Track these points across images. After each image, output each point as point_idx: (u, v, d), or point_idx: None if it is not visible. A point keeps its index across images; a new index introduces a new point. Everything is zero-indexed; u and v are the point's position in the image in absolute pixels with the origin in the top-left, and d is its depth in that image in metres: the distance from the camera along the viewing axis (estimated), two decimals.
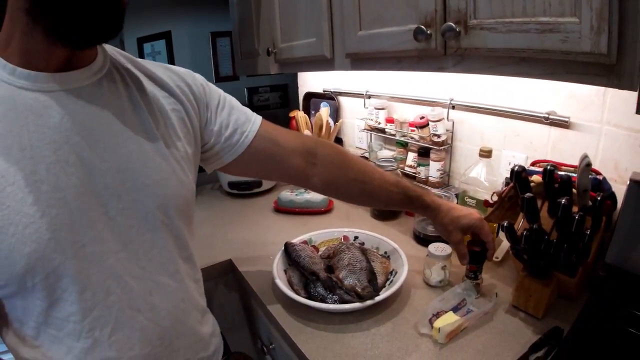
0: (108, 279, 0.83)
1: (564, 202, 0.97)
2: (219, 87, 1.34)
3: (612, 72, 0.83)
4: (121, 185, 0.83)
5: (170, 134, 0.95)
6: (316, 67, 1.75)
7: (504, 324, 1.14)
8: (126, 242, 0.85)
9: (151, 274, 0.91)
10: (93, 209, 0.80)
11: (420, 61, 1.22)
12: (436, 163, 1.81)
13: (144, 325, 0.89)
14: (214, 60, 2.95)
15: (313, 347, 1.09)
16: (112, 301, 0.83)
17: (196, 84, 1.06)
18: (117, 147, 0.84)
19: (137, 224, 0.87)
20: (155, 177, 0.89)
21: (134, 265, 0.87)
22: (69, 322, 0.80)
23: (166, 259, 0.95)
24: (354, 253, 1.34)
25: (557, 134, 1.42)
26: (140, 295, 0.88)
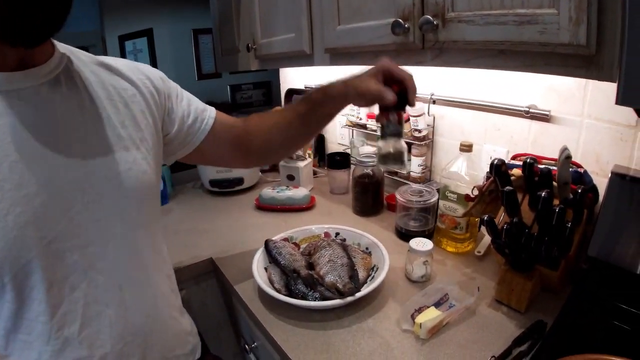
0: (73, 274, 0.82)
1: (544, 194, 0.97)
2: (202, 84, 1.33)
3: (591, 63, 0.82)
4: (84, 179, 0.83)
5: (131, 125, 0.95)
6: (296, 63, 1.74)
7: (486, 319, 1.13)
8: (93, 237, 0.85)
9: (120, 269, 0.90)
10: (57, 205, 0.79)
11: (398, 55, 1.21)
12: (417, 158, 1.80)
13: (114, 321, 0.88)
14: (196, 58, 2.95)
15: (294, 345, 1.08)
16: (77, 297, 0.83)
17: (155, 77, 1.07)
18: (78, 142, 0.83)
19: (103, 217, 0.86)
20: (118, 169, 0.88)
21: (101, 260, 0.86)
22: (38, 323, 0.79)
23: (135, 252, 0.94)
24: (334, 249, 1.33)
25: (538, 128, 1.42)
26: (108, 290, 0.87)
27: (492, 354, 0.98)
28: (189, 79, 2.94)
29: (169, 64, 2.84)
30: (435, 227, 1.53)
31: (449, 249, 1.49)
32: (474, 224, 1.46)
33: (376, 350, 1.04)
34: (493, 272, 1.33)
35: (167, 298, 1.06)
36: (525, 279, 1.12)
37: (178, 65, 2.88)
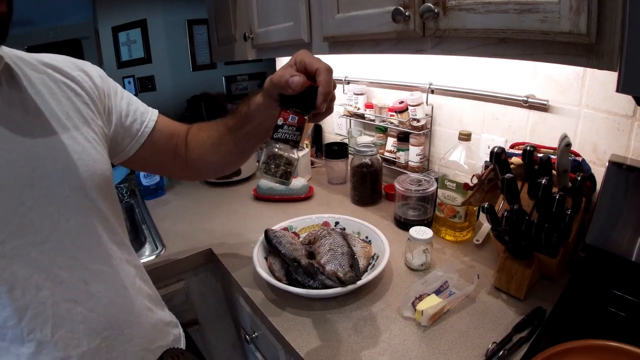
0: (35, 273, 0.78)
1: (544, 182, 0.97)
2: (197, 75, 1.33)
3: (591, 52, 0.82)
4: (32, 173, 0.80)
5: (77, 116, 0.92)
6: (294, 52, 1.67)
7: (486, 306, 1.14)
8: (49, 232, 0.81)
9: (83, 262, 0.86)
10: (6, 203, 0.76)
11: (398, 43, 1.21)
12: (416, 148, 1.81)
13: (86, 317, 0.85)
14: (190, 49, 2.92)
15: (296, 334, 1.08)
16: (44, 296, 0.79)
17: (95, 74, 1.03)
18: (21, 137, 0.80)
19: (57, 211, 0.83)
20: (66, 160, 0.86)
21: (61, 255, 0.83)
22: (8, 328, 0.75)
23: (96, 244, 0.91)
24: (335, 238, 1.33)
25: (536, 117, 1.43)
26: (74, 286, 0.84)
27: (492, 340, 0.99)
28: (183, 70, 2.91)
29: (163, 55, 2.81)
30: (434, 216, 1.54)
31: (448, 237, 1.50)
32: (472, 212, 1.47)
33: (378, 337, 1.05)
34: (492, 260, 1.35)
35: (139, 289, 1.02)
36: (525, 267, 1.13)
37: (172, 56, 2.85)
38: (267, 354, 1.42)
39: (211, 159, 1.24)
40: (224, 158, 1.23)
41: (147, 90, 2.86)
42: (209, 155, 1.23)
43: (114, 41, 2.76)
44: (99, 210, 0.92)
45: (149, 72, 2.77)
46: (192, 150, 1.24)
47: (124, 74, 2.72)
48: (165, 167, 1.28)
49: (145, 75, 2.86)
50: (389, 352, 1.01)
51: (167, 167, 1.27)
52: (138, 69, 2.79)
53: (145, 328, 0.99)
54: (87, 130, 0.93)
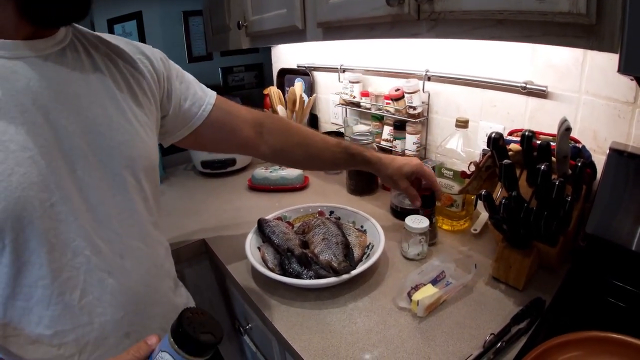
0: (76, 239, 0.82)
1: (543, 167, 0.94)
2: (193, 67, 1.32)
3: (591, 33, 0.81)
4: (87, 146, 0.84)
5: (132, 100, 0.96)
6: (288, 39, 1.72)
7: (484, 296, 1.12)
8: (96, 204, 0.85)
9: (121, 237, 0.91)
10: (61, 169, 0.80)
11: (393, 27, 1.19)
12: (412, 136, 1.78)
13: (115, 289, 0.88)
14: (186, 40, 2.90)
15: (289, 325, 1.07)
16: (79, 262, 0.82)
17: (155, 58, 1.08)
18: (82, 110, 0.84)
19: (105, 185, 0.87)
20: (120, 139, 0.90)
21: (104, 227, 0.87)
22: (38, 288, 0.78)
23: (137, 222, 0.95)
24: (329, 227, 1.31)
25: (535, 104, 1.40)
26: (110, 258, 0.88)
27: (490, 331, 0.97)
28: (179, 62, 2.86)
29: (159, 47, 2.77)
30: None
31: (445, 227, 1.48)
32: (469, 201, 1.45)
33: (373, 328, 1.03)
34: (490, 250, 1.32)
35: (167, 270, 1.08)
36: (523, 256, 1.10)
37: (168, 48, 2.81)
38: (261, 345, 1.41)
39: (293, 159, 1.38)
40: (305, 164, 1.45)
41: None
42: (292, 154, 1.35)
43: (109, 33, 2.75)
44: (142, 191, 0.97)
45: None
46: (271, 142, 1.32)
47: None
48: (218, 144, 1.32)
49: None
50: (384, 343, 0.99)
51: (220, 144, 1.32)
52: None
53: (166, 308, 1.03)
54: (141, 114, 0.98)
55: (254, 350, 1.46)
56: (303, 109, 2.17)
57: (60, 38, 0.85)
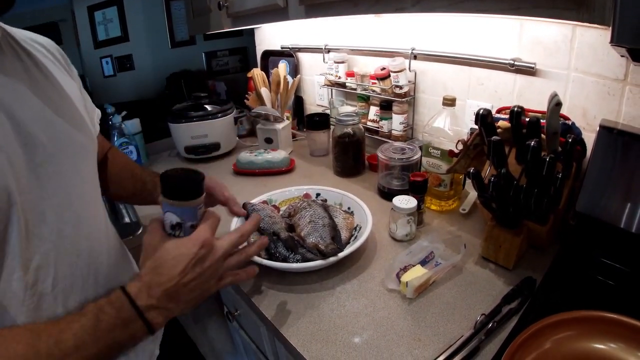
0: (42, 226, 0.81)
1: (533, 144, 0.92)
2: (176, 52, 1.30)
3: (582, 4, 0.80)
4: (42, 134, 0.83)
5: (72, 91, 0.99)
6: (270, 18, 1.68)
7: (474, 276, 1.12)
8: (56, 188, 0.84)
9: (87, 219, 0.91)
10: (22, 157, 0.79)
11: (377, 2, 1.17)
12: (399, 116, 1.76)
13: (85, 273, 0.89)
14: (168, 25, 2.89)
15: (277, 310, 1.06)
16: (47, 248, 0.81)
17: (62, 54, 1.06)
18: (30, 101, 0.84)
19: (63, 170, 0.87)
20: (70, 126, 0.91)
21: (67, 210, 0.86)
22: (12, 281, 0.76)
23: (98, 205, 0.98)
24: (315, 210, 1.29)
25: (523, 82, 1.39)
26: (77, 241, 0.87)
27: (481, 311, 0.97)
28: (162, 47, 2.88)
29: (140, 32, 2.78)
30: None
31: (433, 207, 1.47)
32: (458, 181, 1.44)
33: (362, 311, 1.02)
34: (479, 230, 1.32)
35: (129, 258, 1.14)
36: (513, 235, 1.09)
37: (150, 34, 2.82)
38: (250, 331, 1.40)
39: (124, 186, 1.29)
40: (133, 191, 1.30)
41: (126, 70, 2.83)
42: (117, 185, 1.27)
43: (90, 20, 2.72)
44: (93, 175, 0.99)
45: (127, 51, 2.75)
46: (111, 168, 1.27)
47: (101, 54, 2.67)
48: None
49: (123, 54, 2.83)
50: (373, 326, 0.98)
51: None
52: (115, 48, 2.76)
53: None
54: (78, 105, 0.98)
55: (243, 336, 1.45)
56: (287, 90, 2.14)
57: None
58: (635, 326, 0.78)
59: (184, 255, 0.81)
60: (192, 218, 0.86)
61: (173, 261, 0.81)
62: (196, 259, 0.82)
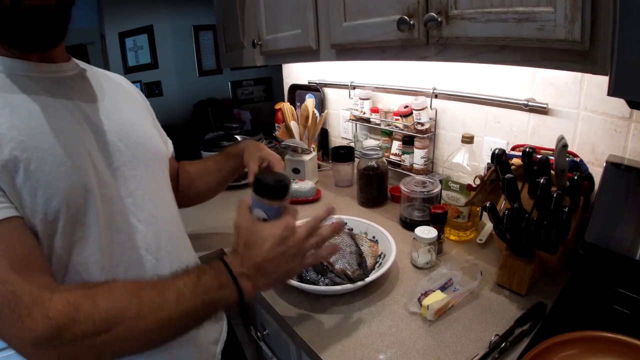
0: (119, 219, 0.95)
1: (542, 181, 1.02)
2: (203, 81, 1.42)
3: (586, 58, 0.87)
4: (120, 142, 0.99)
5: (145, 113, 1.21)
6: (302, 58, 1.78)
7: (489, 301, 1.19)
8: (132, 189, 0.99)
9: (157, 220, 1.04)
10: (103, 158, 0.95)
11: (403, 50, 1.27)
12: (420, 150, 1.86)
13: (153, 266, 1.01)
14: (197, 54, 2.95)
15: (307, 329, 1.13)
16: (122, 240, 0.95)
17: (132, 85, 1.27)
18: (111, 115, 1.01)
19: (138, 173, 1.02)
20: (144, 137, 1.08)
21: (140, 209, 1.00)
22: (90, 264, 0.88)
23: (169, 207, 1.12)
24: (343, 238, 1.38)
25: (537, 120, 1.47)
26: (148, 237, 1.01)
27: (495, 333, 1.04)
28: (189, 76, 2.95)
29: (169, 60, 2.85)
30: None
31: (452, 237, 1.54)
32: (475, 213, 1.52)
33: (386, 332, 1.10)
34: (494, 259, 1.39)
35: (194, 257, 1.24)
36: (526, 264, 1.17)
37: (179, 62, 2.90)
38: (277, 350, 1.46)
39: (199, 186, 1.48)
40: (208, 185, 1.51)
41: (154, 96, 2.88)
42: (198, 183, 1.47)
43: (120, 47, 2.80)
44: (167, 182, 1.16)
45: (156, 78, 2.81)
46: (182, 180, 1.44)
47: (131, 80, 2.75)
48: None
49: (152, 80, 2.88)
50: (397, 345, 1.05)
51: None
52: (145, 74, 2.82)
53: None
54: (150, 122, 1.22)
55: (270, 355, 1.51)
56: (315, 124, 2.24)
57: (73, 65, 1.01)
58: (634, 344, 0.85)
59: (272, 235, 0.92)
60: (276, 215, 0.97)
61: (261, 240, 0.92)
62: (281, 239, 0.92)
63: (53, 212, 0.82)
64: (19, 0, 0.77)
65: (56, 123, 0.86)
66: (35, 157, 0.80)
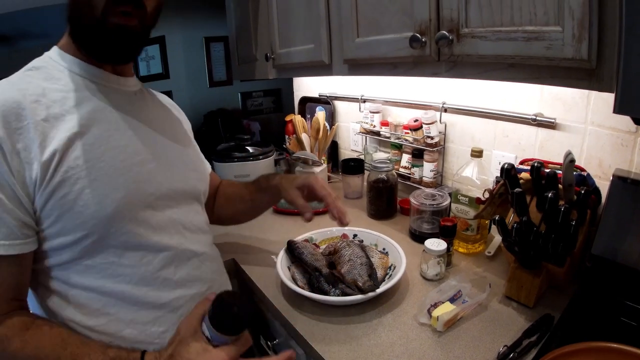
0: (170, 226, 1.07)
1: (550, 195, 1.05)
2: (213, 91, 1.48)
3: (593, 76, 0.90)
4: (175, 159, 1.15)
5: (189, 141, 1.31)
6: (314, 73, 1.81)
7: (497, 313, 1.21)
8: (179, 203, 1.12)
9: (197, 231, 1.17)
10: (162, 173, 1.07)
11: (415, 67, 1.30)
12: (430, 164, 1.89)
13: (199, 265, 1.14)
14: (207, 65, 2.98)
15: (319, 338, 1.16)
16: (172, 244, 1.07)
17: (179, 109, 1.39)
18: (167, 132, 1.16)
19: (185, 190, 1.15)
20: (191, 158, 1.24)
21: (185, 219, 1.13)
22: (141, 266, 1.00)
23: (204, 224, 1.24)
24: (354, 249, 1.40)
25: (544, 135, 1.50)
26: (194, 242, 1.14)
27: (503, 344, 1.06)
28: (200, 86, 2.98)
29: (181, 71, 2.88)
30: None
31: (461, 249, 1.56)
32: (484, 225, 1.54)
33: (396, 342, 1.12)
34: (503, 271, 1.40)
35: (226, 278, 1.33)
36: (534, 276, 1.19)
37: (190, 73, 2.93)
38: None
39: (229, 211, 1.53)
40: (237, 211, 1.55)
41: None
42: (229, 207, 1.52)
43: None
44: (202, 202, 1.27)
45: (167, 88, 2.82)
46: (219, 199, 1.52)
47: None
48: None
49: (164, 90, 2.86)
50: (407, 355, 1.07)
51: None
52: (156, 84, 2.83)
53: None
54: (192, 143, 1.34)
55: None
56: (326, 137, 2.27)
57: (136, 81, 1.15)
58: (637, 354, 0.87)
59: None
60: (220, 344, 0.89)
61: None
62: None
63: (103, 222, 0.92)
64: (108, 16, 0.90)
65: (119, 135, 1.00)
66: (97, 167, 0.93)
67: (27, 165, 0.85)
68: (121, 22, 0.92)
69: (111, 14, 0.90)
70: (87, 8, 0.90)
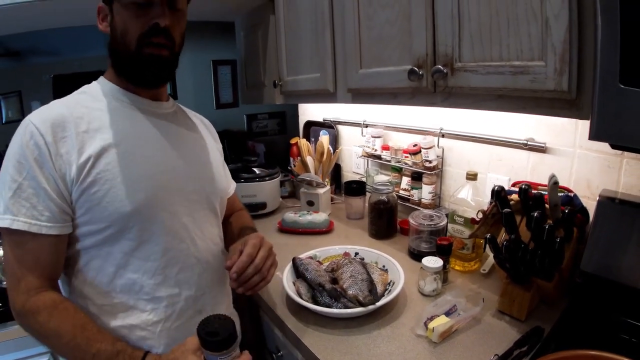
0: (182, 231, 1.18)
1: (536, 215, 1.13)
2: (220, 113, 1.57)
3: (573, 105, 0.99)
4: (194, 173, 1.25)
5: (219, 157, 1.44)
6: (319, 100, 1.90)
7: (490, 326, 1.28)
8: (193, 212, 1.22)
9: (206, 240, 1.26)
10: (179, 183, 1.19)
11: (413, 97, 1.39)
12: (428, 186, 1.97)
13: (201, 272, 1.22)
14: (215, 88, 3.03)
15: (322, 348, 1.22)
16: (182, 247, 1.17)
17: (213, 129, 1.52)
18: (192, 150, 1.28)
19: (203, 199, 1.26)
20: (213, 174, 1.33)
21: (197, 228, 1.22)
22: (149, 261, 1.11)
23: (216, 236, 1.32)
24: (355, 266, 1.47)
25: (536, 158, 1.58)
26: (201, 249, 1.22)
27: (495, 354, 1.12)
28: (207, 108, 2.99)
29: (188, 92, 2.90)
30: None
31: (457, 267, 1.63)
32: (479, 244, 1.61)
33: (394, 352, 1.19)
34: (497, 287, 1.46)
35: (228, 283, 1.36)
36: (525, 291, 1.26)
37: (197, 94, 2.96)
38: None
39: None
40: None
41: None
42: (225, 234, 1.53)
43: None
44: (218, 216, 1.36)
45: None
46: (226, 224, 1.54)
47: None
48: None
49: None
50: None
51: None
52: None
53: (227, 304, 1.39)
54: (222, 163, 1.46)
55: None
56: (330, 160, 2.36)
57: (171, 104, 1.30)
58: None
59: None
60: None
61: None
62: None
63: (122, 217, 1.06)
64: (142, 48, 1.08)
65: (147, 146, 1.14)
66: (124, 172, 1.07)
67: (67, 166, 1.02)
68: (154, 52, 1.10)
69: (145, 45, 1.08)
70: (122, 45, 1.10)
